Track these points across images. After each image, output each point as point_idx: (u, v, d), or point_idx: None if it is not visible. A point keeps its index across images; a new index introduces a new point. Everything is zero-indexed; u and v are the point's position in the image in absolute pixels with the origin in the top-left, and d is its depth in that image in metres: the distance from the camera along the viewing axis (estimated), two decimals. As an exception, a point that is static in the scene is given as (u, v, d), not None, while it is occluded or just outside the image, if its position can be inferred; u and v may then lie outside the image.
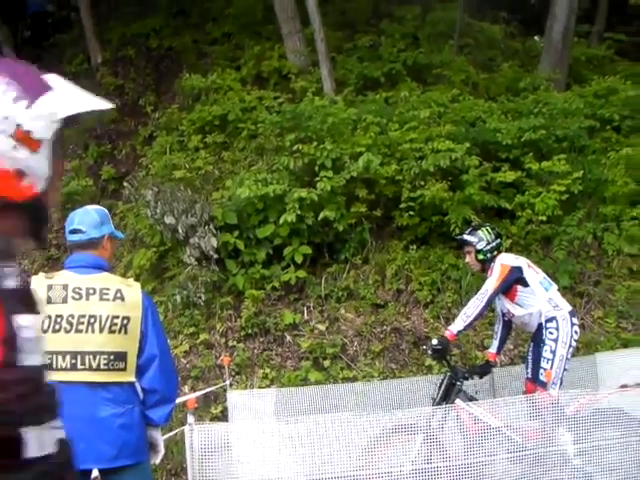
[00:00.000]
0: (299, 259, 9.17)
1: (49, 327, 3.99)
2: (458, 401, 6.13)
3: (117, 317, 4.08)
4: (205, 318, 9.14)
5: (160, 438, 4.43)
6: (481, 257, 6.59)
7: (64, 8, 19.21)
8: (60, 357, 4.00)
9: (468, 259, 6.79)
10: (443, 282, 9.06)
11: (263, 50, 12.97)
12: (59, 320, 4.03)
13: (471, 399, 6.26)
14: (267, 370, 8.60)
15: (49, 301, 4.04)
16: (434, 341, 6.20)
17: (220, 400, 8.20)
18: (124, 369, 4.09)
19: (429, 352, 6.46)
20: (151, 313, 4.24)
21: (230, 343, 8.92)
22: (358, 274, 9.32)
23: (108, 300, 4.11)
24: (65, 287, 4.10)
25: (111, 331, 4.06)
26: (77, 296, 4.09)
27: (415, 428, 5.73)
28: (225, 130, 11.27)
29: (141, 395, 4.20)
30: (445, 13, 14.59)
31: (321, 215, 9.06)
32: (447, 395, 6.16)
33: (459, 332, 6.25)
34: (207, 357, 8.81)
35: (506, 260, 6.52)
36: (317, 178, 9.36)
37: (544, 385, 6.20)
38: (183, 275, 9.26)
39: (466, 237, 6.71)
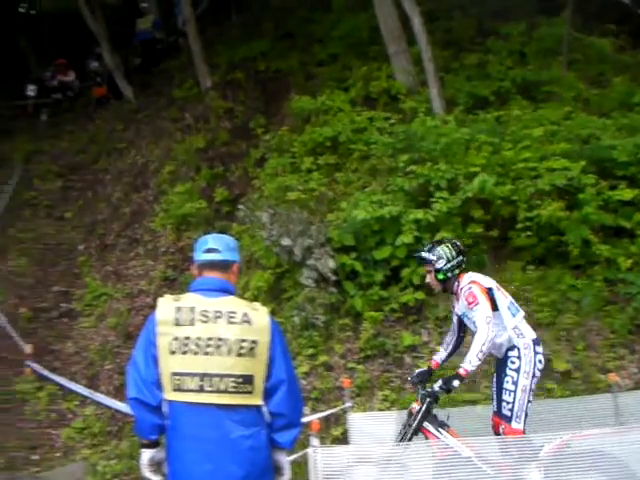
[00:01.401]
0: (417, 280, 9.09)
1: (177, 349, 4.10)
2: (426, 424, 5.99)
3: (245, 340, 4.13)
4: (324, 339, 9.19)
5: (285, 461, 4.45)
6: (441, 277, 6.28)
7: (172, 35, 19.78)
8: (188, 379, 4.08)
9: (428, 279, 6.44)
10: (563, 303, 8.88)
11: (371, 70, 13.07)
12: (187, 342, 4.11)
13: (442, 425, 6.05)
14: (387, 392, 8.57)
15: (177, 323, 4.14)
16: (455, 383, 5.82)
17: (340, 422, 8.21)
18: (251, 392, 4.13)
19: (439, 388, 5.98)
20: (278, 337, 4.28)
21: (349, 365, 8.94)
22: (476, 295, 9.23)
23: (235, 323, 4.16)
24: (192, 310, 4.18)
25: (239, 354, 4.12)
26: (204, 319, 4.16)
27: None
28: (337, 151, 11.37)
29: (267, 418, 4.23)
30: (551, 29, 14.39)
31: (437, 236, 9.02)
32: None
33: (472, 371, 5.89)
34: (327, 379, 8.84)
35: (479, 280, 6.26)
36: (432, 199, 9.37)
37: (508, 419, 5.95)
38: (301, 297, 9.34)
39: (424, 255, 6.37)
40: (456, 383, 5.83)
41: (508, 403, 5.95)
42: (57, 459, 9.86)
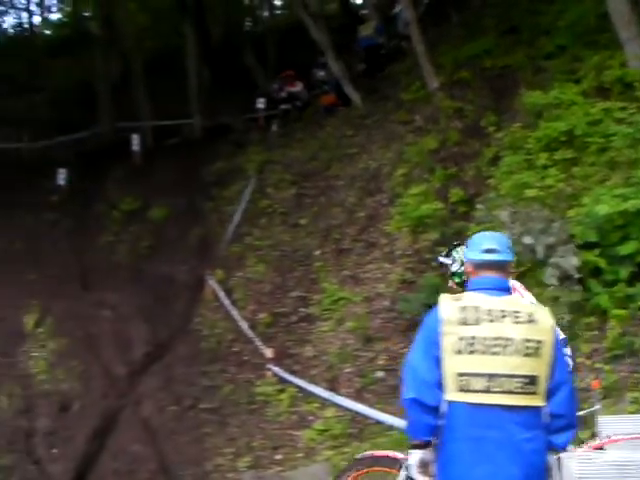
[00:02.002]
0: (664, 277, 8.81)
1: (463, 349, 4.09)
2: None
3: (530, 340, 4.10)
4: (569, 339, 9.02)
5: (554, 463, 4.43)
6: (457, 280, 6.08)
7: (393, 39, 20.06)
8: (474, 379, 4.07)
9: (450, 283, 6.23)
10: None
11: (602, 59, 12.64)
12: (473, 342, 4.10)
13: None
14: (637, 394, 8.25)
15: (462, 322, 4.13)
16: None
17: (588, 425, 8.01)
18: (534, 393, 4.08)
19: None
20: (558, 337, 4.29)
21: (596, 365, 8.69)
22: None
23: (521, 323, 4.14)
24: (477, 309, 4.17)
25: (525, 354, 4.09)
26: (490, 318, 4.15)
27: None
28: (572, 146, 11.10)
29: (545, 420, 4.17)
30: None
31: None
32: None
33: None
34: (574, 379, 8.65)
35: None
36: (679, 190, 9.04)
37: None
38: (544, 296, 9.23)
39: (441, 259, 6.31)
40: None
41: None
42: (299, 459, 10.26)
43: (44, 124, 27.64)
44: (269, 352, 12.74)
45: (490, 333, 4.11)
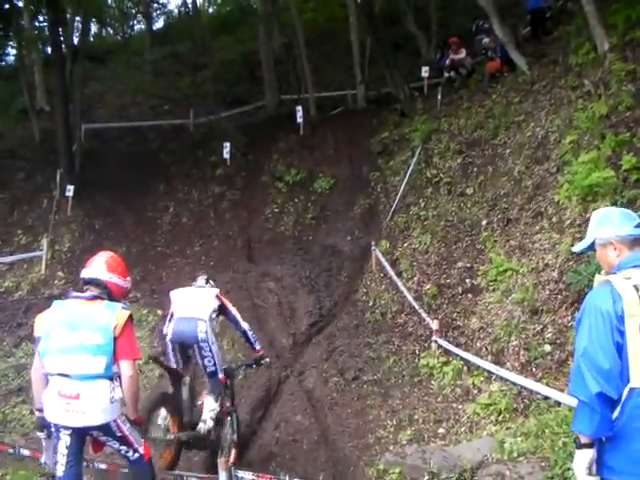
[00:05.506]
0: None
1: None
2: None
3: None
4: None
5: None
6: None
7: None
8: None
9: None
10: None
11: None
12: None
13: None
14: None
15: None
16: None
17: None
18: None
19: None
20: None
21: None
22: None
23: None
24: None
25: None
26: None
27: None
28: None
29: None
30: None
31: None
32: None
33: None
34: None
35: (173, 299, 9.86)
36: None
37: None
38: None
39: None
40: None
41: None
42: (463, 433, 10.17)
43: (209, 100, 28.61)
44: (434, 324, 12.70)
45: None
